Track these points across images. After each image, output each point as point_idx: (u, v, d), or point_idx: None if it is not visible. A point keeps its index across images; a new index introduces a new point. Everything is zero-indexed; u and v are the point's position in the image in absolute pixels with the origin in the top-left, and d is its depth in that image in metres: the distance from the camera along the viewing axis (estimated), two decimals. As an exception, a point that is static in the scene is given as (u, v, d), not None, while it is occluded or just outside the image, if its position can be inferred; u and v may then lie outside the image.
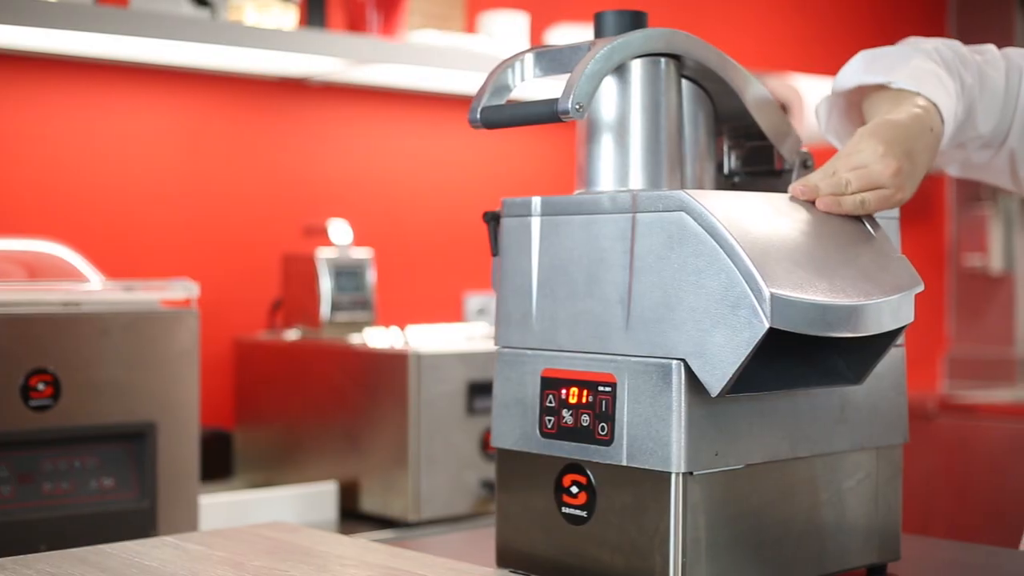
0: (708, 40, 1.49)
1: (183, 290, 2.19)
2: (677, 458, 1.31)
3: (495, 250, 1.50)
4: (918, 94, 1.59)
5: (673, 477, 1.31)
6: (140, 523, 2.10)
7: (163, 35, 2.50)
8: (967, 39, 1.84)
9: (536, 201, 1.47)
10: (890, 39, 1.80)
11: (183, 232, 2.83)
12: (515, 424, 1.47)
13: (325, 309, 2.70)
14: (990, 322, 4.74)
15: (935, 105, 1.59)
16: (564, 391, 1.41)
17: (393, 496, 2.43)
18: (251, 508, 2.39)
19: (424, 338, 2.62)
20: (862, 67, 1.66)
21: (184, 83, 2.82)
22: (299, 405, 2.65)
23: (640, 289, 1.34)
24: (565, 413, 1.40)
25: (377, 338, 2.60)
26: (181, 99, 2.84)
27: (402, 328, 2.84)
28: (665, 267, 1.32)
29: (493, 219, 1.50)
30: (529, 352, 1.46)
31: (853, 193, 1.42)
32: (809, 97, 3.69)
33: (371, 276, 2.78)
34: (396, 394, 2.41)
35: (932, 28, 4.68)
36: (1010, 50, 1.80)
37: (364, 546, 1.55)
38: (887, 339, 1.37)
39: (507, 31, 3.13)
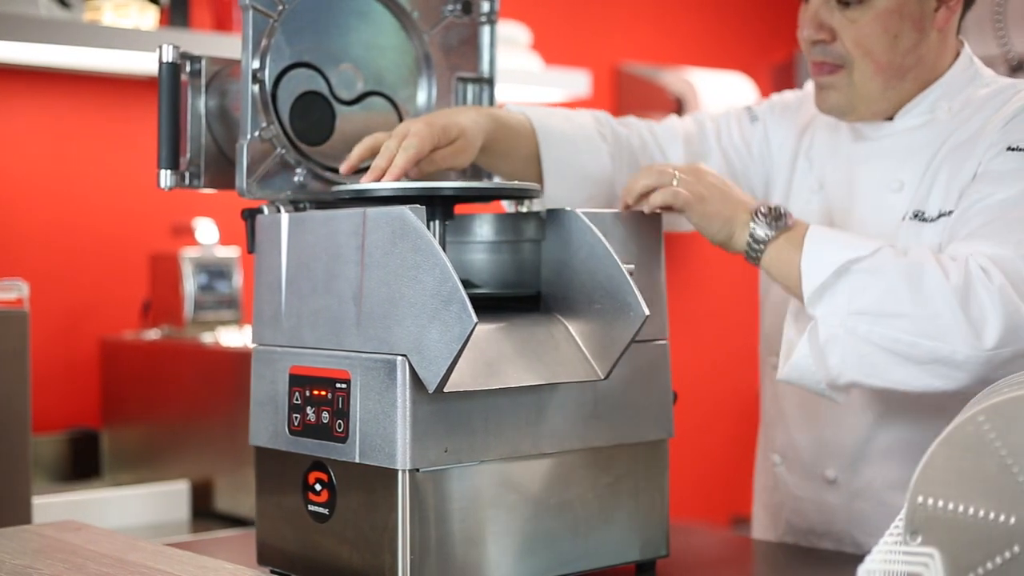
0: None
1: (14, 290, 2.17)
2: (403, 455, 1.31)
3: (251, 247, 1.50)
4: None
5: (400, 474, 1.31)
6: (-31, 524, 2.09)
7: (17, 37, 2.48)
8: None
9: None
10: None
11: (49, 232, 2.81)
12: (268, 422, 1.46)
13: (189, 308, 2.69)
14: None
15: None
16: (308, 389, 1.40)
17: (243, 495, 2.42)
18: (100, 508, 2.38)
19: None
20: None
21: (47, 83, 2.81)
22: (161, 404, 2.64)
23: (369, 285, 1.34)
24: (309, 411, 1.40)
25: (230, 337, 2.59)
26: (45, 99, 2.82)
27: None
28: (390, 263, 1.32)
29: (250, 216, 1.50)
30: (279, 349, 1.46)
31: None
32: (703, 91, 3.68)
33: (238, 275, 2.77)
34: (244, 393, 2.39)
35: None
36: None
37: (132, 545, 1.55)
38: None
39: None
